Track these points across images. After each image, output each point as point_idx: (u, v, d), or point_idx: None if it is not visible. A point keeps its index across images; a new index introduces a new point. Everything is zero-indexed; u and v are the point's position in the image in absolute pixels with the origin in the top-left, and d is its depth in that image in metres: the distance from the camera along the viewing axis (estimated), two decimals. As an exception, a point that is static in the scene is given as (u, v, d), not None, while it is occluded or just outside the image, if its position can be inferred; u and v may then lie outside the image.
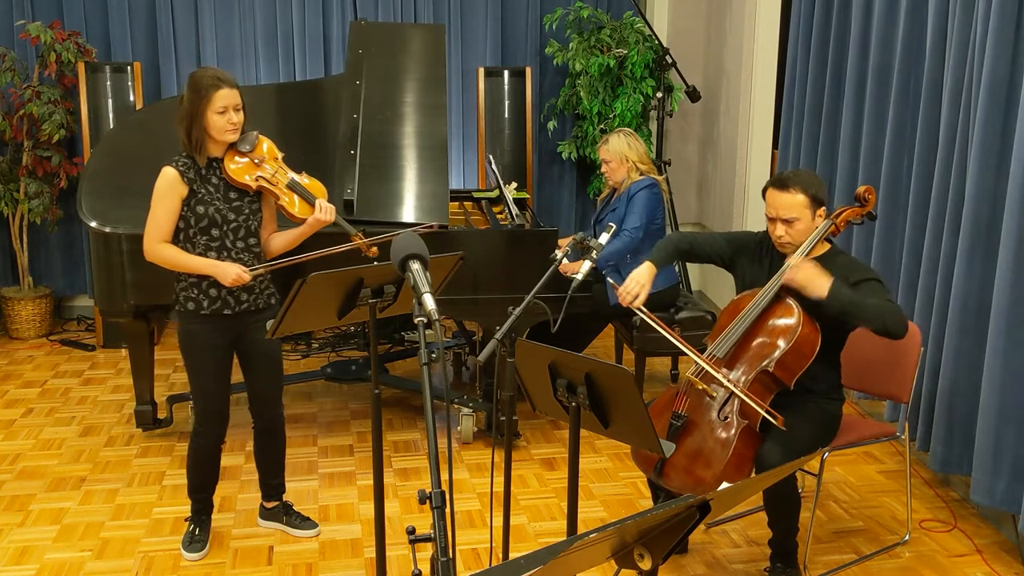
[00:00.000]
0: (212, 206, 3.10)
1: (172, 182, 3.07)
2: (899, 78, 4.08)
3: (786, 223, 3.03)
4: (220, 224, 3.11)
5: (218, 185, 3.13)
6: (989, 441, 3.35)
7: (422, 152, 4.29)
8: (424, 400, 1.85)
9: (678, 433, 3.02)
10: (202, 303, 3.14)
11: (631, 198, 4.33)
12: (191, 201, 3.09)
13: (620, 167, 4.40)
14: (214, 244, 3.12)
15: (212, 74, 3.05)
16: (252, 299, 3.20)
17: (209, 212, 3.10)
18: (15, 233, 5.64)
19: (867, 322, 2.90)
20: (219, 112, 3.04)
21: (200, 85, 3.03)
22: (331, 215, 3.19)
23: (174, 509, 3.66)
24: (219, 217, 3.11)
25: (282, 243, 3.28)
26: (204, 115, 3.04)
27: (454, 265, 2.92)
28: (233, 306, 3.16)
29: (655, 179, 4.39)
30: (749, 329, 3.05)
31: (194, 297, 3.14)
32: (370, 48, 4.50)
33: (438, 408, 4.51)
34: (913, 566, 3.34)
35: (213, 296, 3.13)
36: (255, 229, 3.20)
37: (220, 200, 3.12)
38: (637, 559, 1.63)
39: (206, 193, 3.10)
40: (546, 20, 5.89)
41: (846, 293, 2.90)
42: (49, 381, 5.04)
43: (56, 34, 5.33)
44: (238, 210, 3.15)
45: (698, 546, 3.45)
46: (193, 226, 3.11)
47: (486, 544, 3.42)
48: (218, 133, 3.07)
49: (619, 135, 4.44)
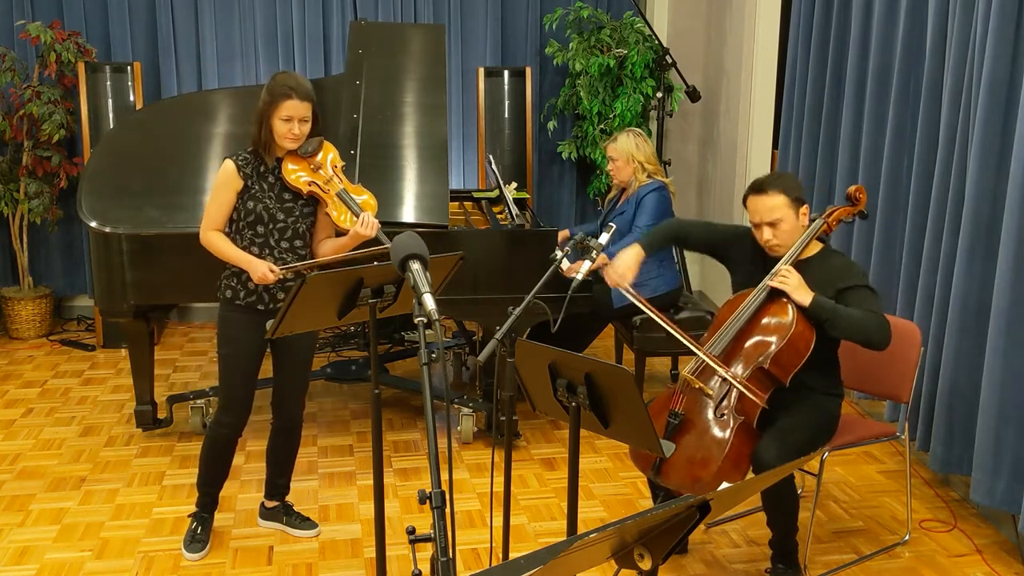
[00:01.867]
0: (262, 203, 3.16)
1: (229, 175, 3.17)
2: (899, 78, 4.08)
3: (771, 226, 3.04)
4: (266, 222, 3.17)
5: (273, 184, 3.19)
6: (989, 441, 3.35)
7: (422, 152, 4.29)
8: (424, 400, 1.85)
9: (675, 431, 3.02)
10: (239, 293, 3.21)
11: (640, 201, 4.31)
12: (244, 196, 3.17)
13: (626, 166, 4.39)
14: (258, 240, 3.18)
15: (287, 82, 3.12)
16: None
17: (257, 209, 3.15)
18: (15, 233, 5.64)
19: (847, 334, 2.94)
20: (284, 120, 3.11)
21: (274, 90, 3.12)
22: (372, 230, 3.21)
23: (174, 509, 3.66)
24: (266, 215, 3.16)
25: (330, 250, 3.30)
26: (270, 119, 3.12)
27: (454, 265, 2.92)
28: (267, 302, 3.21)
29: (663, 182, 4.38)
30: (744, 327, 3.05)
31: (233, 286, 3.22)
32: (370, 48, 4.50)
33: (438, 408, 4.51)
34: (913, 566, 3.34)
35: (250, 289, 3.20)
36: (303, 232, 3.23)
37: (272, 199, 3.18)
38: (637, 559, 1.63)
39: (259, 190, 3.17)
40: (546, 20, 5.89)
41: (828, 305, 2.93)
42: (49, 381, 5.04)
43: (56, 34, 5.33)
44: (288, 211, 3.20)
45: (698, 546, 3.45)
46: (242, 219, 3.18)
47: (486, 544, 3.42)
48: (279, 139, 3.15)
49: (628, 134, 4.42)
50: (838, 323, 2.92)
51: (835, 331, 2.95)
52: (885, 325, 2.93)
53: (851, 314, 2.92)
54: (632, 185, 4.39)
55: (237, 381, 3.28)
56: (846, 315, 2.92)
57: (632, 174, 4.38)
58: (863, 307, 2.95)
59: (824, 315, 2.93)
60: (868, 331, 2.91)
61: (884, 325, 2.93)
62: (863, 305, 2.95)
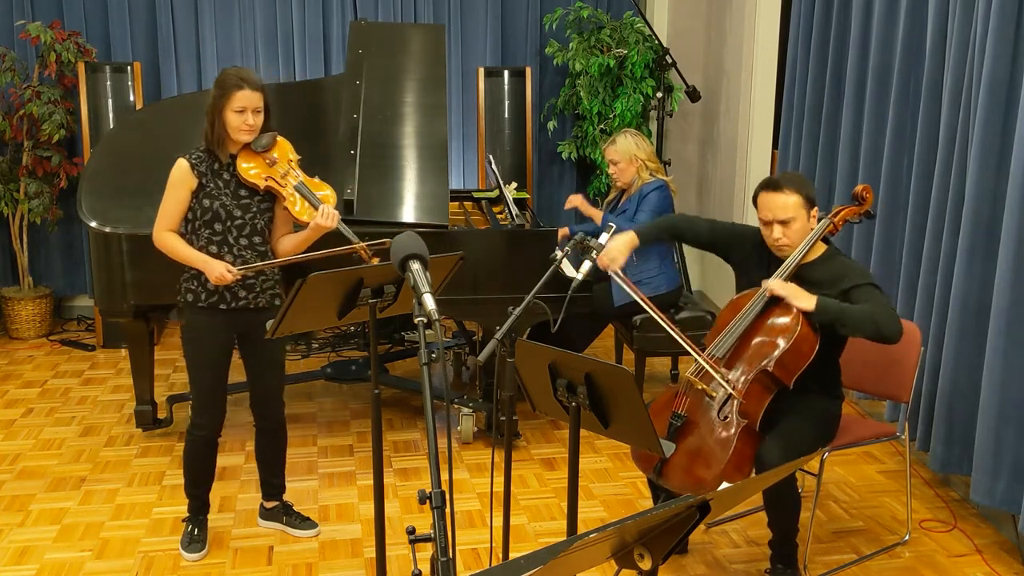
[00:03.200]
0: (218, 201, 3.13)
1: (183, 173, 3.14)
2: (899, 78, 4.08)
3: (783, 224, 3.02)
4: (224, 219, 3.14)
5: (229, 181, 3.17)
6: (989, 441, 3.35)
7: (422, 152, 4.29)
8: (424, 400, 1.85)
9: (678, 433, 3.02)
10: (200, 295, 3.17)
11: (643, 198, 4.30)
12: (199, 194, 3.14)
13: (629, 167, 4.37)
14: (216, 239, 3.15)
15: (237, 74, 3.12)
16: (251, 297, 3.20)
17: (214, 206, 3.12)
18: (15, 233, 5.64)
19: (858, 330, 2.90)
20: (237, 111, 3.09)
21: (224, 83, 3.11)
22: (333, 221, 3.18)
23: (174, 509, 3.66)
24: (223, 212, 3.13)
25: (290, 246, 3.28)
26: (223, 113, 3.10)
27: (454, 265, 2.92)
28: (230, 301, 3.18)
29: (664, 180, 4.37)
30: (748, 328, 3.04)
31: (193, 289, 3.18)
32: (370, 48, 4.50)
33: (438, 408, 4.51)
34: (913, 566, 3.34)
35: (211, 290, 3.16)
36: (261, 228, 3.20)
37: (228, 196, 3.15)
38: (637, 559, 1.63)
39: (215, 187, 3.14)
40: (546, 20, 5.89)
41: (833, 305, 2.91)
42: (49, 381, 5.04)
43: (56, 34, 5.33)
44: (246, 208, 3.17)
45: (698, 546, 3.45)
46: (199, 218, 3.15)
47: (486, 544, 3.42)
48: (233, 132, 3.12)
49: (626, 135, 4.41)
50: (847, 320, 2.88)
51: (845, 329, 2.91)
52: (894, 316, 2.89)
53: (859, 309, 2.89)
54: (635, 184, 4.38)
55: (208, 383, 3.25)
56: (854, 311, 2.89)
57: (635, 173, 4.37)
58: (871, 303, 2.91)
59: (832, 315, 2.90)
60: (878, 324, 2.85)
61: (893, 316, 2.89)
62: (869, 301, 2.91)
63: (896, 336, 2.89)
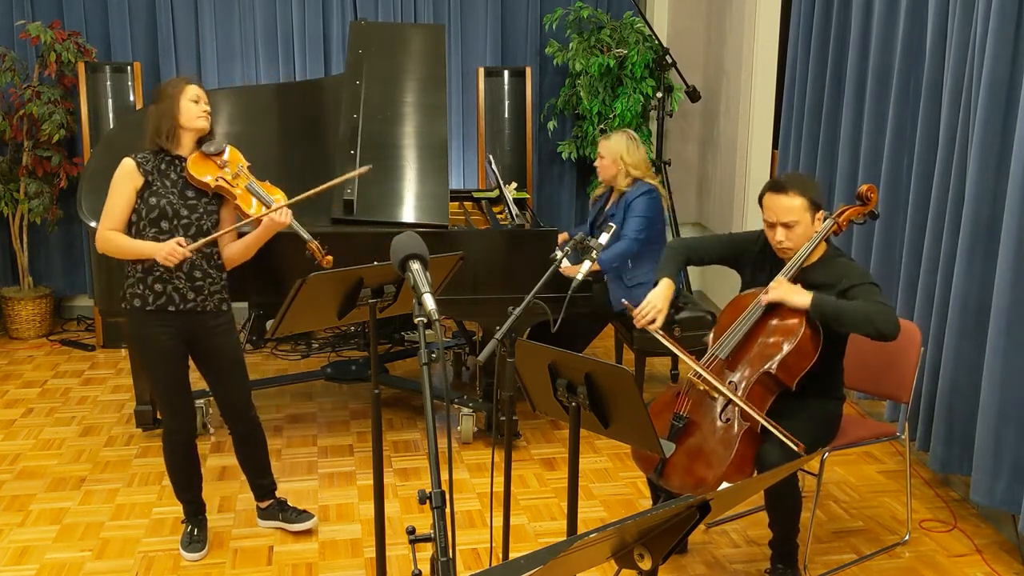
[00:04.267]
0: (165, 199, 3.13)
1: (128, 172, 3.15)
2: (899, 78, 4.08)
3: (786, 227, 3.02)
4: (171, 217, 3.13)
5: (176, 181, 3.17)
6: (989, 441, 3.35)
7: (422, 152, 4.29)
8: (424, 400, 1.85)
9: (679, 434, 3.02)
10: (147, 298, 3.14)
11: (629, 205, 4.30)
12: (145, 192, 3.13)
13: (611, 166, 4.37)
14: (162, 237, 3.12)
15: (179, 76, 3.25)
16: (200, 300, 3.18)
17: (161, 204, 3.12)
18: (15, 233, 5.64)
19: (855, 326, 2.90)
20: (192, 101, 3.15)
21: (170, 85, 3.18)
22: (286, 217, 3.21)
23: (174, 509, 3.66)
24: (170, 210, 3.13)
25: (240, 248, 3.28)
26: (178, 104, 3.14)
27: (454, 265, 2.92)
28: (178, 303, 3.15)
29: (652, 184, 4.35)
30: (752, 329, 3.04)
31: (140, 293, 3.15)
32: (370, 48, 4.50)
33: (438, 408, 4.51)
34: (913, 566, 3.34)
35: (158, 291, 3.13)
36: (207, 229, 3.19)
37: (175, 195, 3.15)
38: (637, 559, 1.63)
39: (161, 186, 3.14)
40: (546, 20, 5.89)
41: (829, 301, 2.91)
42: (49, 381, 5.05)
43: (56, 34, 5.33)
44: (192, 208, 3.16)
45: (698, 546, 3.45)
46: (144, 217, 3.13)
47: (486, 544, 3.42)
48: (191, 120, 3.16)
49: (622, 135, 4.40)
50: (844, 318, 2.89)
51: (842, 326, 2.91)
52: (892, 314, 2.89)
53: (856, 306, 2.89)
54: (617, 186, 4.37)
55: (170, 383, 3.22)
56: (851, 308, 2.89)
57: (615, 175, 4.36)
58: (870, 301, 2.91)
59: (828, 312, 2.90)
60: (875, 320, 2.86)
61: (890, 314, 2.89)
62: (868, 299, 2.92)
63: (893, 333, 2.89)
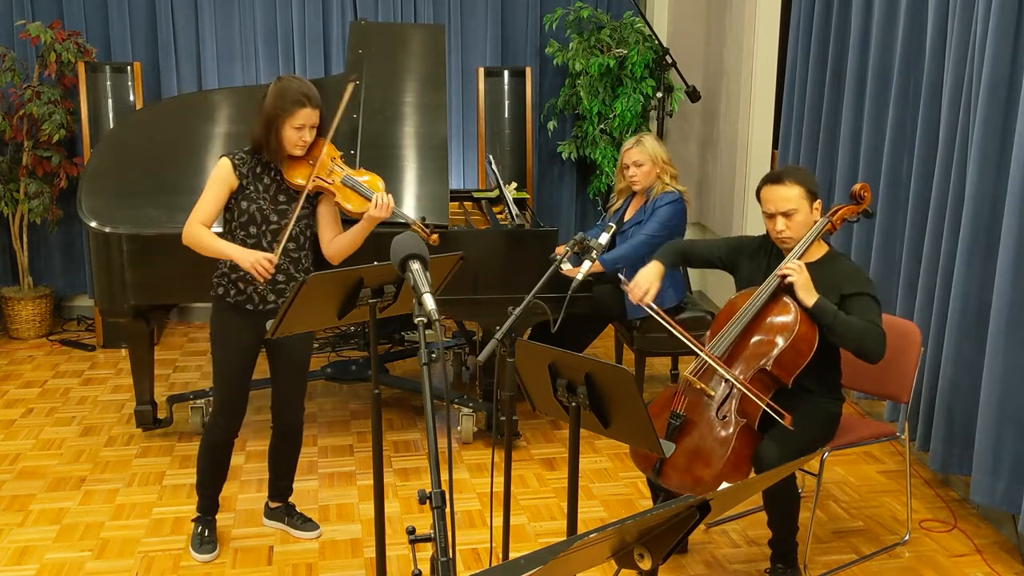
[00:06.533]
0: (256, 204, 3.12)
1: (225, 172, 3.12)
2: (899, 78, 4.08)
3: (785, 216, 3.04)
4: (260, 223, 3.13)
5: (269, 185, 3.16)
6: (989, 441, 3.35)
7: (422, 152, 4.29)
8: (424, 400, 1.85)
9: (676, 433, 3.02)
10: (229, 291, 3.18)
11: (655, 211, 4.18)
12: (238, 195, 3.13)
13: (653, 170, 4.21)
14: (250, 241, 3.15)
15: (301, 89, 3.06)
16: (280, 302, 3.20)
17: (251, 209, 3.12)
18: (15, 233, 5.64)
19: (844, 341, 2.96)
20: (296, 128, 3.07)
21: (287, 96, 3.05)
22: (387, 211, 3.16)
23: (174, 509, 3.66)
24: (260, 216, 3.13)
25: (345, 243, 3.25)
26: (282, 127, 3.07)
27: (454, 265, 2.92)
28: (257, 303, 3.18)
29: (680, 192, 4.22)
30: (747, 327, 3.05)
31: (224, 284, 3.19)
32: (370, 48, 4.50)
33: (438, 408, 4.50)
34: (913, 566, 3.34)
35: (240, 289, 3.17)
36: (296, 234, 3.18)
37: (267, 200, 3.14)
38: (637, 559, 1.63)
39: (254, 191, 3.13)
40: (546, 20, 5.89)
41: (829, 311, 2.94)
42: (49, 381, 5.04)
43: (56, 34, 5.33)
44: (283, 213, 3.16)
45: (698, 546, 3.45)
46: (235, 219, 3.15)
47: (486, 544, 3.42)
48: (289, 147, 3.11)
49: (650, 137, 4.27)
50: (836, 329, 2.94)
51: (833, 337, 2.96)
52: (882, 339, 2.95)
53: (851, 323, 2.94)
54: (654, 190, 4.23)
55: (228, 383, 3.25)
56: (846, 323, 2.94)
57: (656, 178, 4.23)
58: (865, 317, 2.95)
59: (825, 320, 2.95)
60: (864, 342, 2.93)
61: (881, 339, 2.95)
62: (865, 315, 2.96)
63: (878, 356, 2.96)
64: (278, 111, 3.06)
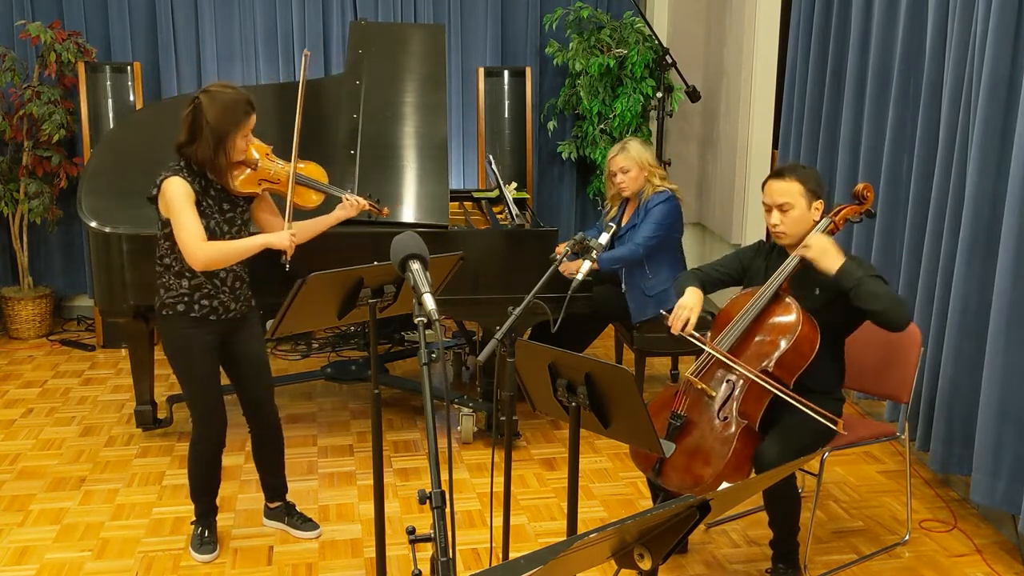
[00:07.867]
0: (212, 219, 3.08)
1: (186, 190, 2.99)
2: (899, 78, 4.08)
3: (780, 210, 3.04)
4: (219, 236, 3.09)
5: (216, 197, 3.10)
6: (989, 441, 3.35)
7: (422, 152, 4.29)
8: (424, 400, 1.85)
9: (677, 433, 3.02)
10: (192, 306, 3.11)
11: (649, 211, 4.18)
12: None
13: (640, 175, 4.20)
14: None
15: (243, 96, 2.98)
16: (239, 307, 3.20)
17: (210, 225, 3.06)
18: (15, 233, 5.64)
19: (874, 302, 2.87)
20: (244, 136, 3.03)
21: (236, 108, 2.96)
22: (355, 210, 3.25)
23: (174, 509, 3.66)
24: (218, 230, 3.09)
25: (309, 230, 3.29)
26: (235, 139, 2.99)
27: (454, 265, 2.92)
28: (221, 314, 3.15)
29: (671, 190, 4.23)
30: (748, 328, 3.05)
31: (184, 301, 3.11)
32: (370, 48, 4.50)
33: (438, 408, 4.50)
34: (913, 566, 3.34)
35: (204, 304, 3.12)
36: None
37: (218, 213, 3.10)
38: (637, 559, 1.63)
39: (207, 207, 3.07)
40: (546, 20, 5.89)
41: (858, 272, 2.90)
42: (49, 381, 5.04)
43: (56, 34, 5.33)
44: (231, 222, 3.14)
45: (698, 546, 3.45)
46: None
47: (486, 544, 3.42)
48: (237, 155, 3.05)
49: (635, 141, 4.27)
50: (863, 292, 2.87)
51: (858, 300, 2.89)
52: (906, 306, 2.92)
53: (877, 287, 2.88)
54: (645, 193, 4.23)
55: (208, 395, 3.21)
56: (871, 286, 2.87)
57: (645, 182, 4.22)
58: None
59: (851, 282, 2.89)
60: (894, 306, 2.87)
61: (905, 305, 2.91)
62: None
63: (903, 326, 2.90)
64: (229, 126, 2.95)
